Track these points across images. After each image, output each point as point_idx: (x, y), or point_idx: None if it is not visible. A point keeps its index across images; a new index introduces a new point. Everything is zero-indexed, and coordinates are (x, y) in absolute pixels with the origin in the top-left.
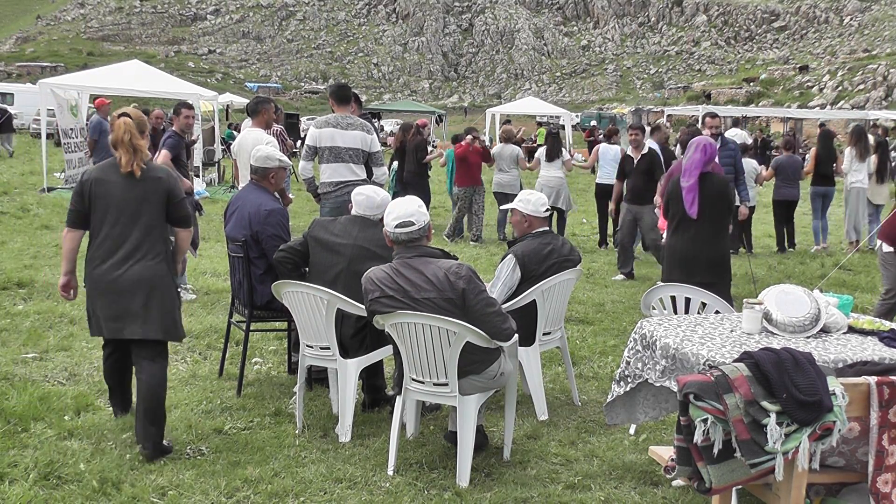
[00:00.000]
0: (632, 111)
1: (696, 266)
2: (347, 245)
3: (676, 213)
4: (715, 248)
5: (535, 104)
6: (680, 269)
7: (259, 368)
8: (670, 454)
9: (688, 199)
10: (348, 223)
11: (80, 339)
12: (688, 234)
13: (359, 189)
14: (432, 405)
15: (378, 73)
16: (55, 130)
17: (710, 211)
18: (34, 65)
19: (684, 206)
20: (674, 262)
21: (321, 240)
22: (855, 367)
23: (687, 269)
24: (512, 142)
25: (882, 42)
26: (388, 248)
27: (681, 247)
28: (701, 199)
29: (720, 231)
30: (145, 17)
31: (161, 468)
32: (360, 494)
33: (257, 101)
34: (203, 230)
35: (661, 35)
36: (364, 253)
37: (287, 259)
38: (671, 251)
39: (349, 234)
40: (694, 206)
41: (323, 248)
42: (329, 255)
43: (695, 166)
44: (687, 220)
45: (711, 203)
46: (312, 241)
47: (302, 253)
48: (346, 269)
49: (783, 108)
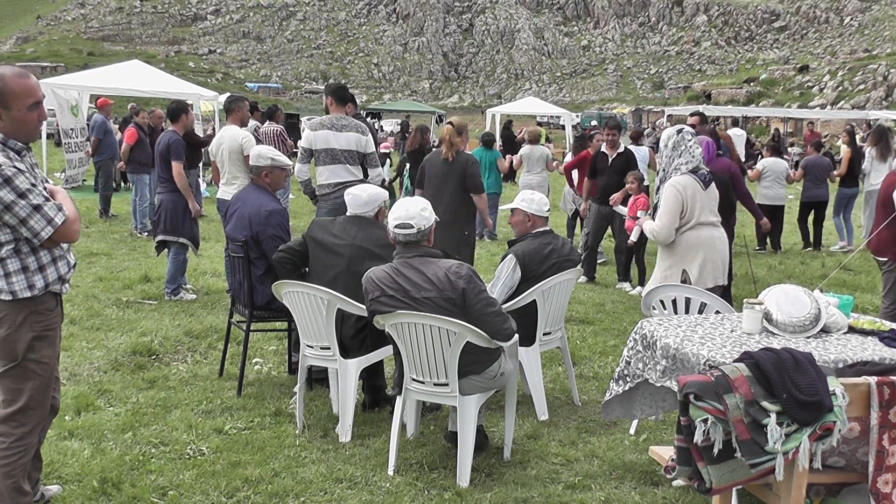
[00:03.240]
0: (632, 111)
1: None
2: (346, 245)
3: None
4: None
5: (535, 104)
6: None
7: (259, 368)
8: (670, 454)
9: None
10: (347, 223)
11: (80, 339)
12: None
13: (347, 190)
14: (432, 405)
15: (378, 73)
16: (55, 130)
17: None
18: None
19: None
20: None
21: (320, 240)
22: (855, 367)
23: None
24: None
25: (882, 42)
26: (387, 247)
27: None
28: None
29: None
30: (145, 17)
31: (161, 468)
32: (361, 494)
33: (231, 100)
34: (203, 230)
35: (661, 35)
36: (363, 252)
37: (286, 259)
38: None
39: (348, 233)
40: None
41: (322, 249)
42: (328, 255)
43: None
44: None
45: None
46: (311, 242)
47: (301, 253)
48: (345, 269)
49: (783, 108)
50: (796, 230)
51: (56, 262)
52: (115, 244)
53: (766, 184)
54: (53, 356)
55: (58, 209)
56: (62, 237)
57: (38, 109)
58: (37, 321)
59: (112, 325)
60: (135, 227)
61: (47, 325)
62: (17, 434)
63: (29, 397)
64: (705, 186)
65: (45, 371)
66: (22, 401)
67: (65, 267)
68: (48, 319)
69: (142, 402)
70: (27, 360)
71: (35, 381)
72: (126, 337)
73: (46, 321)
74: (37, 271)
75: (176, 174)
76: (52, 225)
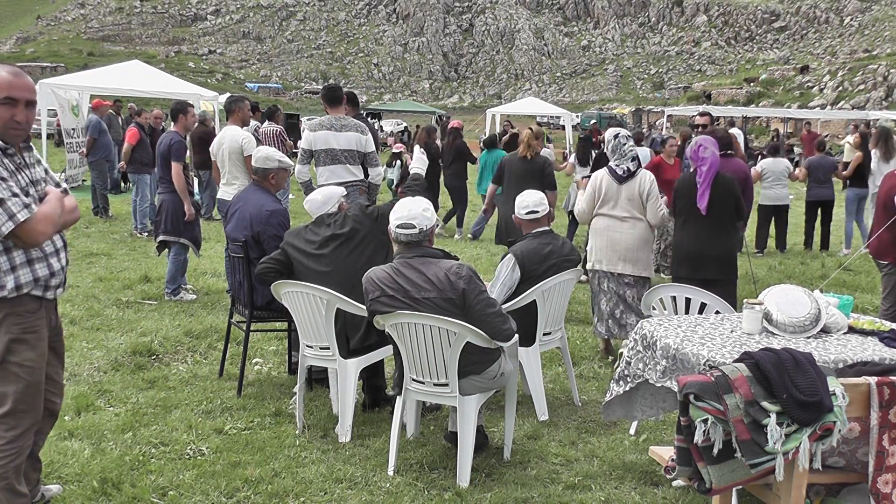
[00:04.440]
0: (632, 112)
1: (704, 262)
2: (321, 241)
3: (684, 209)
4: (722, 245)
5: (535, 104)
6: (687, 265)
7: (259, 368)
8: (670, 454)
9: (701, 191)
10: (314, 225)
11: (80, 339)
12: (695, 230)
13: (305, 199)
14: (432, 405)
15: (378, 74)
16: (55, 131)
17: (719, 207)
18: (34, 65)
19: (694, 201)
20: (681, 258)
21: (298, 246)
22: (855, 367)
23: (694, 266)
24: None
25: (882, 42)
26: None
27: (688, 242)
28: (711, 195)
29: (728, 228)
30: (145, 18)
31: (161, 468)
32: (361, 495)
33: (232, 100)
34: (203, 230)
35: (661, 35)
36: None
37: (270, 269)
38: (676, 247)
39: (319, 234)
40: (704, 200)
41: (302, 254)
42: (309, 259)
43: (712, 161)
44: (695, 216)
45: (720, 200)
46: (291, 249)
47: (284, 263)
48: (333, 270)
49: (783, 109)
50: (796, 230)
51: (33, 263)
52: (115, 244)
53: (768, 184)
54: (37, 359)
55: (24, 206)
56: (25, 235)
57: (12, 106)
58: (15, 323)
59: (112, 326)
60: (135, 228)
61: (27, 327)
62: (7, 437)
63: (15, 401)
64: (620, 182)
65: (30, 374)
66: (8, 404)
67: (44, 269)
68: (28, 322)
69: (142, 402)
70: (7, 362)
71: (19, 385)
72: (126, 337)
73: (26, 323)
74: (8, 272)
75: (175, 175)
76: (14, 221)
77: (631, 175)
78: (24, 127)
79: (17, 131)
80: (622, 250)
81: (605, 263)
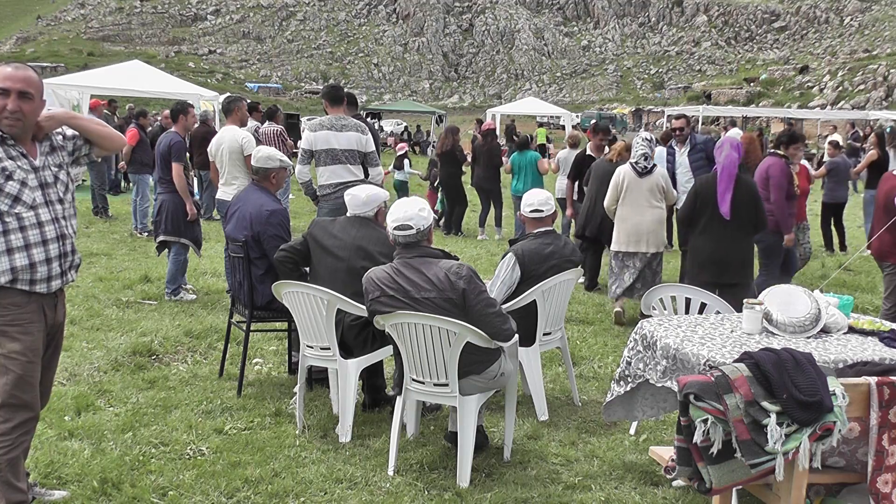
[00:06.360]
0: (632, 112)
1: (727, 267)
2: (346, 245)
3: (704, 213)
4: (743, 249)
5: (535, 104)
6: (711, 270)
7: (259, 369)
8: (670, 454)
9: (722, 193)
10: (346, 223)
11: (80, 339)
12: (717, 235)
13: (347, 190)
14: (432, 405)
15: (378, 74)
16: None
17: (741, 212)
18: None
19: (715, 205)
20: (702, 262)
21: (320, 240)
22: (855, 367)
23: (717, 270)
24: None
25: (882, 42)
26: (386, 247)
27: (710, 247)
28: (733, 199)
29: (749, 233)
30: (145, 18)
31: (161, 468)
32: (361, 495)
33: (229, 100)
34: (203, 230)
35: (661, 35)
36: (361, 253)
37: (288, 258)
38: (697, 252)
39: (347, 234)
40: (726, 204)
41: (322, 249)
42: (328, 255)
43: (733, 164)
44: (717, 220)
45: (743, 204)
46: (312, 241)
47: (302, 252)
48: (345, 269)
49: (783, 109)
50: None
51: (12, 253)
52: (115, 244)
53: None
54: (25, 352)
55: None
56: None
57: (4, 96)
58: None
59: (112, 326)
60: (135, 228)
61: (11, 320)
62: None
63: (4, 393)
64: (640, 176)
65: (18, 367)
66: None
67: (23, 259)
68: (13, 315)
69: (142, 402)
70: None
71: (8, 377)
72: (126, 337)
73: (11, 316)
74: None
75: (175, 175)
76: None
77: (649, 171)
78: (17, 116)
79: (10, 121)
80: (645, 232)
81: (633, 245)
